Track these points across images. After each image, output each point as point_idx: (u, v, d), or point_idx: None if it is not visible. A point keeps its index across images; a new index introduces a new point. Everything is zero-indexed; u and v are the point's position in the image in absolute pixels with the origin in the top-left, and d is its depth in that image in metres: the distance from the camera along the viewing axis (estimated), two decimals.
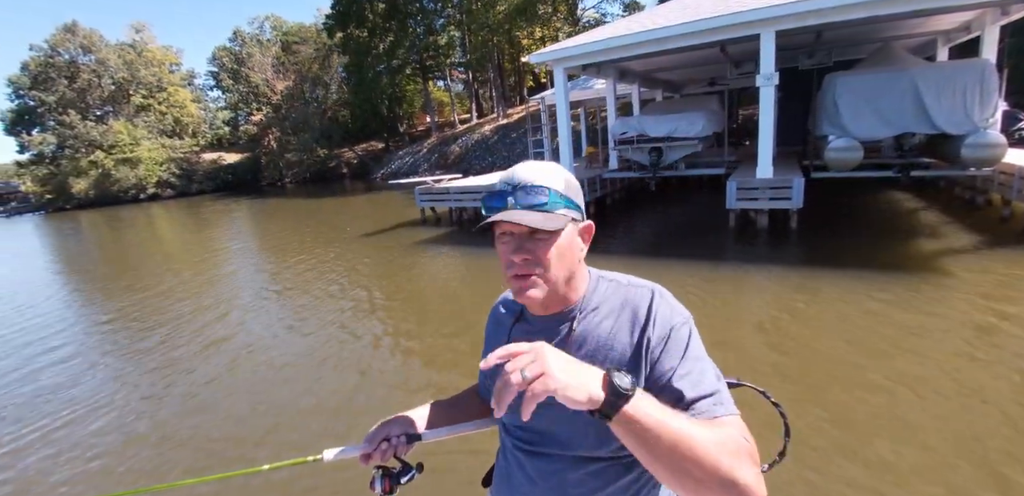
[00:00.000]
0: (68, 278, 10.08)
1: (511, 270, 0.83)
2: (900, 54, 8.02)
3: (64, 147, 40.68)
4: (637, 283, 0.91)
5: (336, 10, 31.28)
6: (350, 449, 0.96)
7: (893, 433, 2.61)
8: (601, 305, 0.89)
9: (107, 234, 19.14)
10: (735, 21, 6.84)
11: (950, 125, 6.80)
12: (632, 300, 0.87)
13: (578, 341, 0.87)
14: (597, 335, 0.86)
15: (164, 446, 3.21)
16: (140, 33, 45.30)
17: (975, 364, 3.21)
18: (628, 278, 0.93)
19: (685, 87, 16.10)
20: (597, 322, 0.87)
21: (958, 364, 3.23)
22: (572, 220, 0.84)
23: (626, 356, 0.83)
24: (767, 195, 7.53)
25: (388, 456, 0.95)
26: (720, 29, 7.07)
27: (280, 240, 12.10)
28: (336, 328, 5.11)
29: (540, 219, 0.79)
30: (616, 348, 0.84)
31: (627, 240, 8.01)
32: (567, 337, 0.88)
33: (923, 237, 6.37)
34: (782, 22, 6.67)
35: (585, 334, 0.87)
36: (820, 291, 4.79)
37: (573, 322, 0.88)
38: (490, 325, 1.06)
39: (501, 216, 0.79)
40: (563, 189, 0.83)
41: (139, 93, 43.73)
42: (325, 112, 39.56)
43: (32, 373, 4.73)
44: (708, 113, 9.06)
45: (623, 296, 0.88)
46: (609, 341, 0.85)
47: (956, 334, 3.67)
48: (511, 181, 0.83)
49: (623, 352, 0.83)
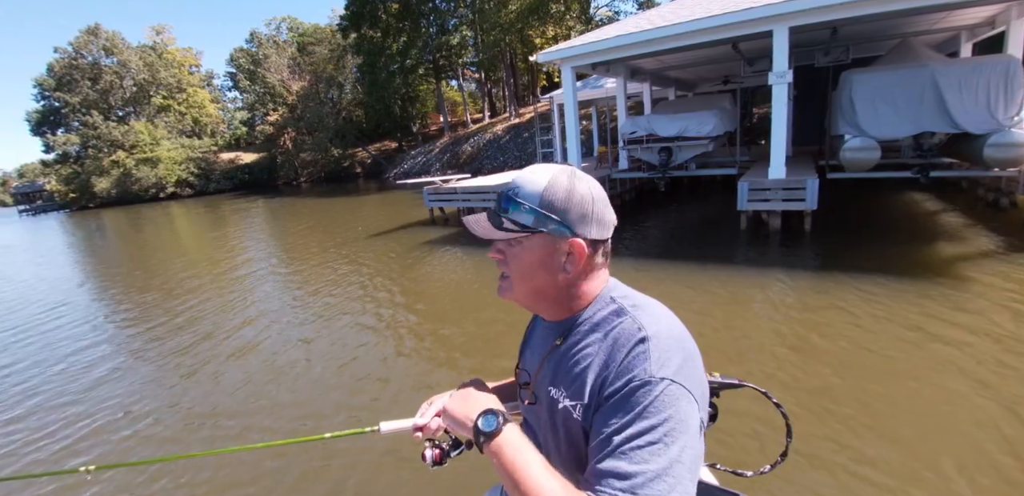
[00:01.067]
0: (121, 273, 10.28)
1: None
2: (920, 50, 7.75)
3: (87, 147, 41.73)
4: (640, 319, 0.77)
5: (350, 11, 31.48)
6: (404, 422, 1.01)
7: (917, 447, 2.48)
8: (591, 330, 0.80)
9: (132, 232, 19.53)
10: (746, 18, 6.66)
11: (972, 124, 6.54)
12: (619, 335, 0.76)
13: (556, 358, 0.85)
14: (574, 358, 0.80)
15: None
16: (160, 35, 46.22)
17: (1001, 376, 3.04)
18: (634, 306, 0.80)
19: (699, 85, 15.86)
20: (580, 347, 0.80)
21: (983, 376, 3.06)
22: (541, 233, 0.79)
23: (589, 390, 0.75)
24: (780, 196, 7.33)
25: (439, 431, 0.99)
26: (731, 26, 6.90)
27: (301, 238, 12.19)
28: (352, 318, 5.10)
29: (487, 227, 0.82)
30: (585, 378, 0.76)
31: (635, 242, 7.88)
32: (552, 350, 0.86)
33: (943, 240, 6.13)
34: (795, 18, 6.48)
35: (565, 353, 0.82)
36: (834, 297, 4.62)
37: (564, 337, 0.84)
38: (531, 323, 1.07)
39: (466, 218, 0.84)
40: (540, 200, 0.77)
41: (159, 94, 44.65)
42: (340, 112, 39.92)
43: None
44: (720, 112, 8.87)
45: (615, 327, 0.77)
46: (581, 368, 0.78)
47: (979, 344, 3.48)
48: (506, 184, 0.83)
49: (590, 383, 0.75)
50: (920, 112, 6.80)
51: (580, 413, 0.76)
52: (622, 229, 8.67)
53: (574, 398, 0.77)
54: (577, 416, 0.76)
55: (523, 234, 0.79)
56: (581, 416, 0.76)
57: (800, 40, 9.23)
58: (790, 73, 6.86)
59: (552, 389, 0.83)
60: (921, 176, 7.05)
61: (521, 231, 0.79)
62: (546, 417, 0.86)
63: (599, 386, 0.74)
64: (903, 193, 9.34)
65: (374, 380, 3.89)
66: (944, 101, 6.55)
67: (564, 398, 0.80)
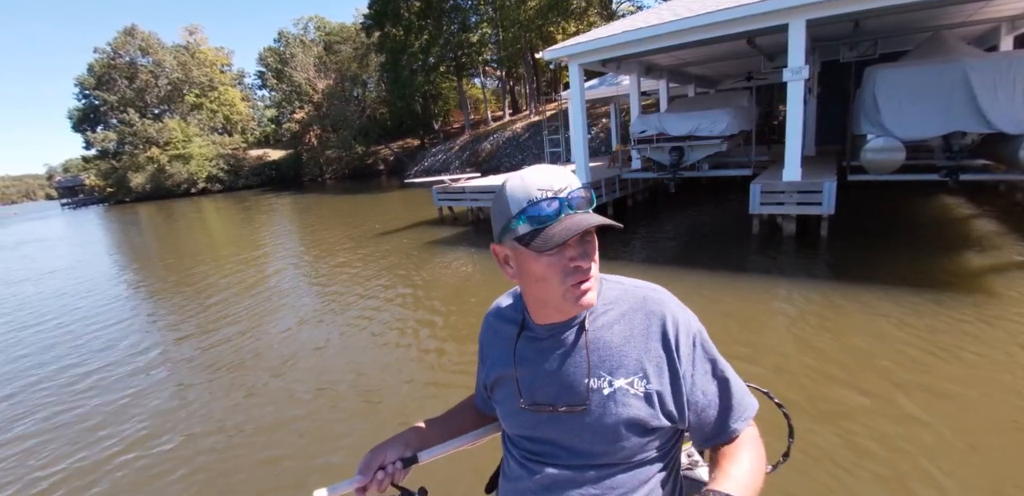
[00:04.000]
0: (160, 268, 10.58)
1: (573, 278, 0.78)
2: (952, 44, 7.21)
3: (124, 143, 43.34)
4: (642, 285, 0.89)
5: (373, 10, 31.67)
6: (343, 485, 0.90)
7: (935, 477, 2.26)
8: (610, 308, 0.86)
9: (168, 226, 20.16)
10: (759, 11, 6.29)
11: (1008, 123, 6.03)
12: (644, 304, 0.85)
13: (590, 348, 0.84)
14: (609, 339, 0.84)
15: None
16: (193, 35, 47.53)
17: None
18: (630, 280, 0.91)
19: (722, 82, 15.29)
20: (608, 325, 0.84)
21: (1015, 404, 2.75)
22: None
23: (642, 362, 0.82)
24: (794, 199, 6.93)
25: (386, 486, 0.91)
26: (744, 19, 6.52)
27: (323, 234, 12.31)
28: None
29: (606, 218, 0.77)
30: (630, 353, 0.82)
31: (640, 244, 7.59)
32: (576, 344, 0.85)
33: (975, 250, 5.65)
34: (811, 10, 6.07)
35: (596, 338, 0.84)
36: (846, 310, 4.28)
37: (583, 326, 0.84)
38: (487, 335, 1.00)
39: (581, 221, 0.74)
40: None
41: (192, 92, 45.98)
42: (364, 110, 40.33)
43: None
44: (735, 110, 8.46)
45: (632, 299, 0.86)
46: (623, 346, 0.83)
47: (1008, 369, 3.13)
48: (551, 188, 0.76)
49: (639, 358, 0.82)
50: (950, 110, 6.31)
51: (643, 385, 0.81)
52: (628, 231, 8.41)
53: (629, 375, 0.82)
54: (639, 389, 0.81)
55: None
56: (644, 387, 0.81)
57: (823, 34, 8.72)
58: (806, 69, 6.46)
59: (592, 380, 0.83)
60: (950, 179, 6.55)
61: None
62: (590, 415, 0.83)
63: (664, 347, 0.82)
64: (936, 196, 8.75)
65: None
66: (976, 98, 6.06)
67: (612, 382, 0.82)
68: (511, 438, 0.96)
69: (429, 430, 1.01)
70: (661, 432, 0.84)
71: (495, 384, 0.96)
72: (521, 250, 0.78)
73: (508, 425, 0.94)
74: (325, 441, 3.07)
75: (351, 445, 2.98)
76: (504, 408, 0.93)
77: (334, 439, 3.08)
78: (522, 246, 0.77)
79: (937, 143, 6.78)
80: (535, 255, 0.77)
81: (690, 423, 0.85)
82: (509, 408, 0.91)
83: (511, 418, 0.92)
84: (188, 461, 3.02)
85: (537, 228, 0.75)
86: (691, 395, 0.82)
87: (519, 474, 0.92)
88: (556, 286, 0.78)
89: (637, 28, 7.32)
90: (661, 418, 0.81)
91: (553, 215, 0.75)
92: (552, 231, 0.74)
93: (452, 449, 0.98)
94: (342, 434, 3.13)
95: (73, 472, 3.04)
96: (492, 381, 0.96)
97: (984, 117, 6.08)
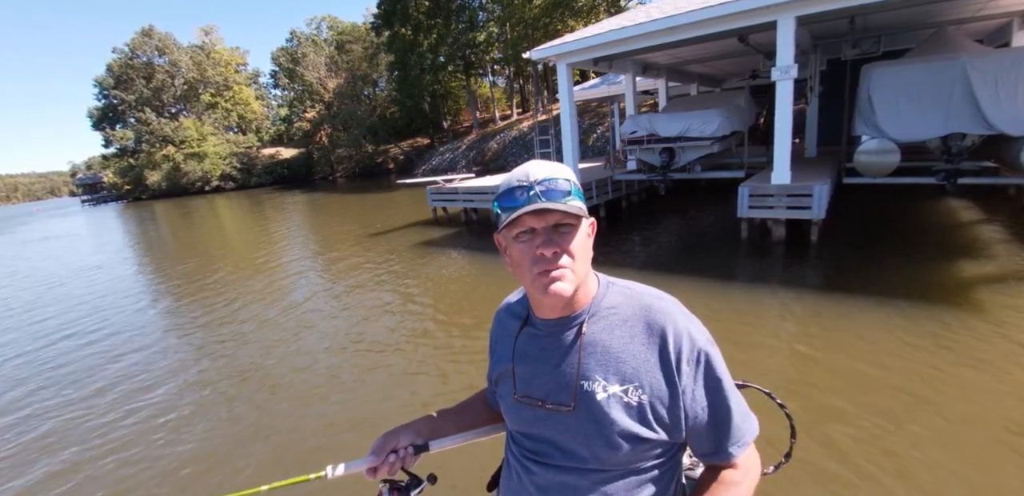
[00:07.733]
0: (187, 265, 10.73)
1: (539, 266, 0.78)
2: (956, 41, 6.87)
3: (141, 142, 44.19)
4: (649, 292, 0.89)
5: (382, 9, 31.75)
6: (355, 463, 0.93)
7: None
8: (612, 312, 0.86)
9: (185, 223, 20.45)
10: (747, 7, 6.04)
11: (1010, 125, 5.71)
12: (648, 312, 0.84)
13: (587, 348, 0.84)
14: (608, 343, 0.83)
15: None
16: (209, 35, 48.20)
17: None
18: (640, 286, 0.90)
19: (727, 81, 14.92)
20: (609, 329, 0.84)
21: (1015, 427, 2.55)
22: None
23: (640, 372, 0.81)
24: (784, 203, 6.68)
25: (396, 469, 0.94)
26: (731, 16, 6.29)
27: (332, 232, 12.35)
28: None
29: (568, 207, 0.76)
30: (628, 361, 0.82)
31: (629, 248, 7.39)
32: (575, 342, 0.85)
33: (975, 257, 5.34)
34: (800, 6, 5.82)
35: (595, 341, 0.84)
36: (833, 324, 4.05)
37: (582, 327, 0.85)
38: (496, 331, 1.03)
39: (533, 207, 0.76)
40: (576, 183, 0.81)
41: (208, 92, 46.68)
42: (374, 109, 40.52)
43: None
44: (728, 110, 8.19)
45: (637, 305, 0.86)
46: (621, 352, 0.83)
47: (1009, 390, 2.90)
48: (526, 178, 0.78)
49: (637, 367, 0.81)
50: (949, 111, 6.00)
51: (638, 395, 0.80)
52: (618, 234, 8.21)
53: (624, 382, 0.81)
54: (633, 399, 0.80)
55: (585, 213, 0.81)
56: (639, 397, 0.80)
57: (825, 31, 8.41)
58: (795, 68, 6.20)
59: (585, 383, 0.83)
60: (948, 183, 6.24)
61: (584, 211, 0.80)
62: (581, 417, 0.83)
63: (663, 358, 0.81)
64: (941, 200, 8.38)
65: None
66: (975, 98, 5.75)
67: (607, 387, 0.81)
68: (512, 436, 0.97)
69: (441, 420, 1.04)
70: (658, 442, 0.83)
71: (499, 378, 0.97)
72: (502, 236, 0.82)
73: (509, 421, 0.95)
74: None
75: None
76: (505, 403, 0.95)
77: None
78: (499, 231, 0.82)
79: (935, 145, 6.47)
80: (513, 242, 0.80)
81: (687, 438, 0.85)
82: (509, 403, 0.93)
83: (510, 413, 0.93)
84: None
85: (507, 214, 0.78)
86: (689, 411, 0.81)
87: (518, 473, 0.93)
88: (526, 272, 0.80)
89: (622, 27, 7.11)
90: (656, 430, 0.81)
91: (521, 202, 0.77)
92: (512, 214, 0.77)
93: (462, 442, 1.01)
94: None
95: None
96: (497, 375, 0.98)
97: (984, 118, 5.77)
